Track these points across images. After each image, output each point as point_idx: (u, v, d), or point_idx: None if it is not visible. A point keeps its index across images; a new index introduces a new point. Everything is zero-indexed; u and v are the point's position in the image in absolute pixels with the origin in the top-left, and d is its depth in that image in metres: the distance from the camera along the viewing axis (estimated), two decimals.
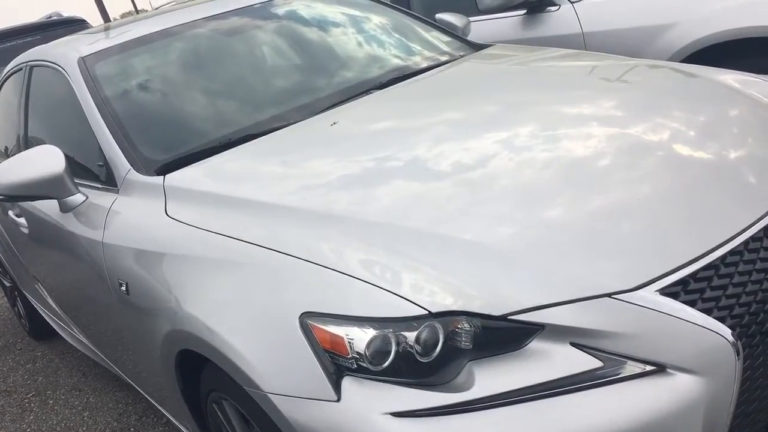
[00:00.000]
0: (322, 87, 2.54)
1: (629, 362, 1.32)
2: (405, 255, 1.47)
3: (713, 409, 1.33)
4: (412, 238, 1.52)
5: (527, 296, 1.36)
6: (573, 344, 1.33)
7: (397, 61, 2.73)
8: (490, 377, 1.32)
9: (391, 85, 2.51)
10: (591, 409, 1.29)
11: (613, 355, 1.33)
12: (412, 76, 2.58)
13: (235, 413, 1.74)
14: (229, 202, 1.84)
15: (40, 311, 3.73)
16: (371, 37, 2.90)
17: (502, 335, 1.35)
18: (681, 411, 1.30)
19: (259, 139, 2.20)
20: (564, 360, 1.33)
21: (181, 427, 2.28)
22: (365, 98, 2.41)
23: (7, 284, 4.25)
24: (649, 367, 1.32)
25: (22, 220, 2.89)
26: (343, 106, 2.36)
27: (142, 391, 2.59)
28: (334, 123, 2.17)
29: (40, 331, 4.04)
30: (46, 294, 3.26)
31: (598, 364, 1.32)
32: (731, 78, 2.23)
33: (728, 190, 1.60)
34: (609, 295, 1.35)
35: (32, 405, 3.39)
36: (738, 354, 1.35)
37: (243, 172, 2.02)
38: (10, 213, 3.04)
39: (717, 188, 1.60)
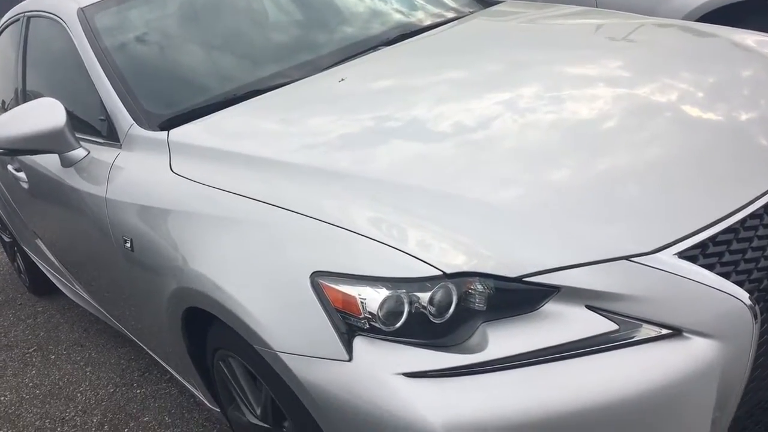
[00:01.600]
0: (329, 43, 2.48)
1: (645, 325, 1.31)
2: (416, 214, 1.45)
3: (728, 373, 1.31)
4: (422, 197, 1.49)
5: (543, 258, 1.34)
6: (588, 307, 1.32)
7: (404, 18, 2.66)
8: (503, 339, 1.31)
9: (399, 41, 2.45)
10: (606, 372, 1.28)
11: (629, 318, 1.31)
12: (420, 33, 2.51)
13: (243, 370, 1.73)
14: (235, 158, 1.80)
15: (40, 267, 3.71)
16: None
17: (517, 297, 1.33)
18: (696, 375, 1.29)
19: (264, 95, 2.15)
20: (579, 322, 1.31)
21: (185, 383, 2.28)
22: (373, 54, 2.35)
23: (7, 239, 4.22)
24: (665, 331, 1.31)
25: (21, 175, 2.85)
26: (351, 62, 2.30)
27: (144, 347, 2.58)
28: (342, 79, 2.12)
29: (40, 286, 4.02)
30: (47, 250, 3.24)
31: (613, 326, 1.30)
32: (747, 38, 2.18)
33: (744, 152, 1.57)
34: (627, 257, 1.32)
35: (34, 360, 3.40)
36: (755, 318, 1.33)
37: (248, 128, 1.98)
38: (10, 167, 2.99)
39: (732, 150, 1.57)
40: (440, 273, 1.32)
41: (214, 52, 2.43)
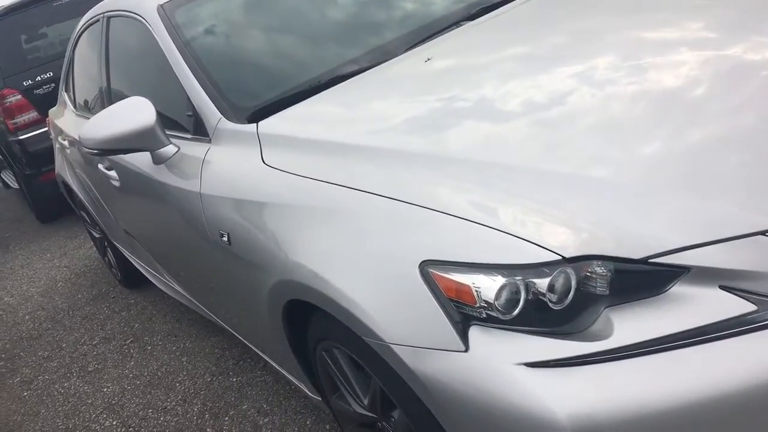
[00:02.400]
0: (408, 24, 2.42)
1: None
2: (522, 195, 1.38)
3: None
4: (524, 175, 1.42)
5: (668, 237, 1.25)
6: (722, 287, 1.23)
7: None
8: (629, 324, 1.24)
9: (481, 15, 2.36)
10: (744, 356, 1.19)
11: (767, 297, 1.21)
12: (502, 5, 2.42)
13: (348, 361, 1.72)
14: (328, 147, 1.77)
15: (131, 260, 3.82)
16: None
17: (641, 279, 1.25)
18: None
19: (349, 80, 2.11)
20: (713, 304, 1.22)
21: (282, 371, 2.29)
22: (456, 31, 2.28)
23: (97, 235, 4.37)
24: None
25: (112, 173, 2.91)
26: (434, 40, 2.24)
27: (238, 335, 2.61)
28: (428, 59, 2.06)
29: (131, 279, 4.15)
30: (139, 244, 3.32)
31: (751, 307, 1.21)
32: None
33: None
34: (763, 232, 1.22)
35: (132, 351, 3.51)
36: None
37: (337, 116, 1.95)
38: (100, 166, 3.07)
39: None
40: (558, 257, 1.25)
41: (294, 41, 2.41)
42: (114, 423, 2.93)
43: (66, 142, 3.83)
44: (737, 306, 1.21)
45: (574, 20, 2.15)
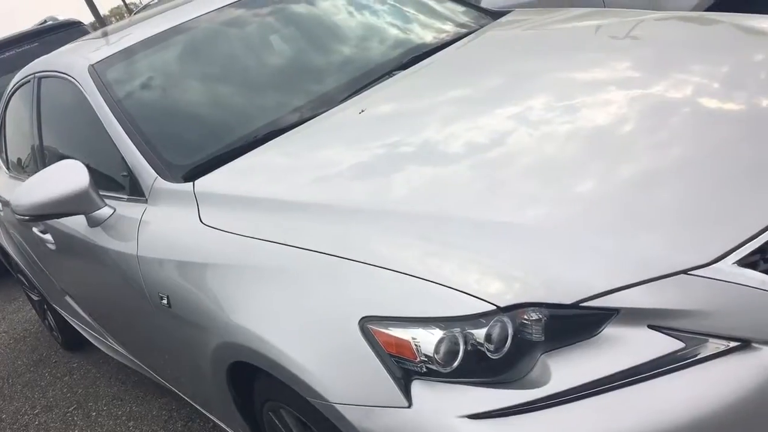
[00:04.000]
0: (342, 75, 2.46)
1: (711, 340, 1.26)
2: (459, 245, 1.41)
3: None
4: (462, 226, 1.45)
5: (596, 280, 1.29)
6: (651, 326, 1.27)
7: (416, 39, 2.64)
8: (566, 369, 1.26)
9: (413, 64, 2.42)
10: (677, 394, 1.23)
11: (694, 333, 1.26)
12: (433, 53, 2.49)
13: (295, 422, 1.70)
14: (266, 204, 1.77)
15: (71, 323, 3.71)
16: (386, 16, 2.80)
17: (574, 323, 1.29)
18: None
19: (286, 134, 2.13)
20: (643, 344, 1.26)
21: (230, 431, 2.24)
22: (387, 81, 2.33)
23: (35, 298, 4.23)
24: (733, 343, 1.25)
25: (47, 237, 2.84)
26: (368, 91, 2.28)
27: (185, 397, 2.55)
28: (362, 111, 2.10)
29: (73, 342, 4.02)
30: (78, 307, 3.23)
31: (679, 345, 1.25)
32: (753, 21, 2.13)
33: None
34: (685, 271, 1.28)
35: (76, 418, 3.38)
36: None
37: (274, 171, 1.96)
38: (34, 229, 2.99)
39: (765, 139, 1.51)
40: (494, 307, 1.27)
41: (229, 96, 2.42)
42: None
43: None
44: (666, 344, 1.26)
45: (506, 63, 2.22)
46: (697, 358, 1.25)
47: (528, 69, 2.11)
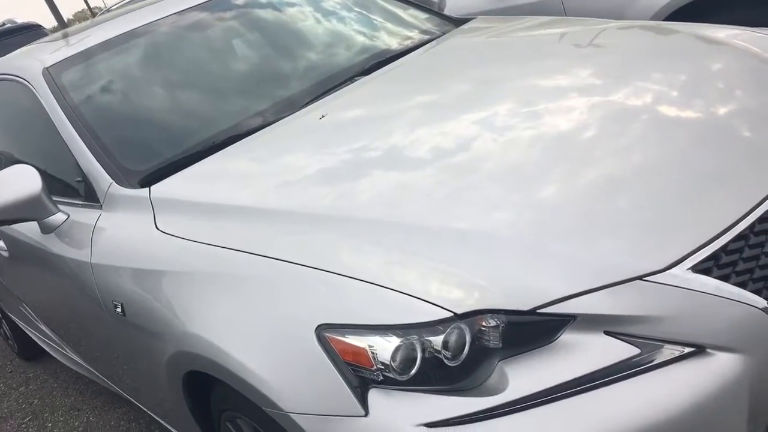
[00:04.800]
0: (305, 79, 2.43)
1: (667, 346, 1.26)
2: (418, 253, 1.40)
3: (757, 384, 1.27)
4: (421, 233, 1.44)
5: (554, 286, 1.29)
6: (607, 332, 1.27)
7: (378, 45, 2.63)
8: (523, 376, 1.26)
9: (375, 70, 2.41)
10: (633, 400, 1.23)
11: (649, 339, 1.26)
12: (395, 59, 2.48)
13: (253, 430, 1.66)
14: (222, 210, 1.74)
15: (27, 332, 3.61)
16: (349, 23, 2.79)
17: (532, 330, 1.28)
18: (725, 391, 1.24)
19: (245, 139, 2.10)
20: (599, 350, 1.26)
21: None
22: (350, 87, 2.31)
23: None
24: (687, 349, 1.26)
25: (0, 243, 2.76)
26: (329, 96, 2.26)
27: (143, 408, 2.49)
28: (323, 116, 2.08)
29: (29, 351, 3.91)
30: (33, 316, 3.14)
31: (635, 351, 1.25)
32: (710, 31, 2.17)
33: (734, 150, 1.54)
34: (640, 277, 1.28)
35: (31, 430, 3.28)
36: None
37: (232, 177, 1.92)
38: None
39: (721, 149, 1.54)
40: (451, 314, 1.26)
41: (188, 100, 2.38)
42: None
43: None
44: (622, 350, 1.26)
45: (471, 69, 2.22)
46: (652, 364, 1.25)
47: (492, 75, 2.11)
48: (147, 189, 1.96)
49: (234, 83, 2.48)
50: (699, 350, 1.26)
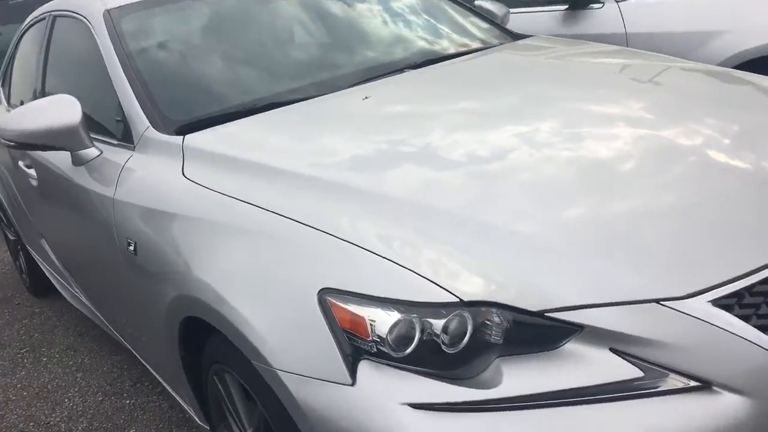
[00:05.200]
0: (354, 62, 2.43)
1: (672, 375, 1.22)
2: (436, 237, 1.37)
3: None
4: (443, 220, 1.42)
5: (568, 294, 1.26)
6: (613, 350, 1.23)
7: (433, 43, 2.61)
8: (519, 376, 1.22)
9: (426, 65, 2.40)
10: (626, 422, 1.19)
11: (656, 365, 1.22)
12: (448, 59, 2.46)
13: (238, 388, 1.65)
14: (249, 167, 1.74)
15: (42, 267, 3.65)
16: (408, 18, 2.78)
17: (536, 333, 1.25)
18: None
19: (285, 107, 2.10)
20: (602, 366, 1.22)
21: (177, 397, 2.19)
22: (399, 76, 2.30)
23: (11, 238, 4.17)
24: (693, 383, 1.22)
25: (32, 172, 2.80)
26: (376, 82, 2.25)
27: (139, 357, 2.50)
28: (366, 98, 2.07)
29: (40, 287, 3.95)
30: (50, 250, 3.18)
31: (638, 373, 1.21)
32: None
33: None
34: (657, 301, 1.24)
35: (25, 361, 3.31)
36: None
37: (265, 139, 1.92)
38: (21, 164, 2.95)
39: (763, 200, 1.48)
40: (457, 300, 1.24)
41: (236, 64, 2.39)
42: None
43: None
44: (625, 370, 1.22)
45: (522, 84, 2.19)
46: (654, 390, 1.21)
47: (542, 93, 2.07)
48: (181, 137, 1.97)
49: (285, 54, 2.49)
50: (705, 386, 1.21)
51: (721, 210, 1.43)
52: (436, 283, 1.26)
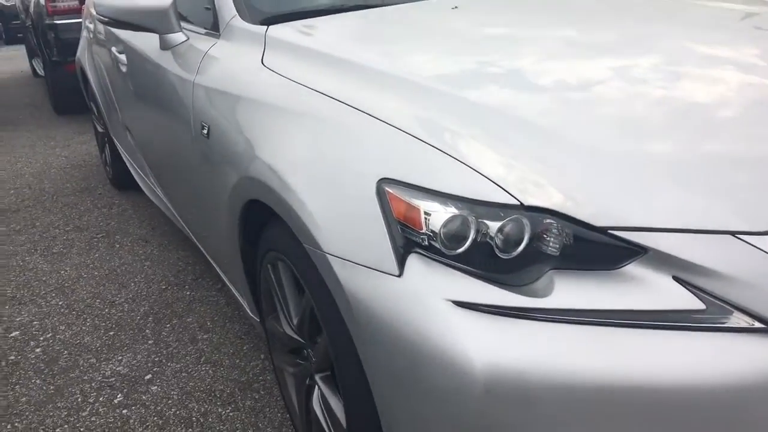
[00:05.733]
0: None
1: (736, 313, 1.14)
2: (508, 141, 1.31)
3: None
4: (519, 127, 1.36)
5: (636, 214, 1.18)
6: (676, 278, 1.16)
7: None
8: (572, 291, 1.17)
9: None
10: (677, 353, 1.12)
11: (720, 300, 1.14)
12: None
13: (290, 276, 1.67)
14: (327, 59, 1.72)
15: (124, 159, 3.79)
16: None
17: (596, 250, 1.19)
18: None
19: (372, 9, 2.05)
20: (662, 293, 1.15)
21: (233, 289, 2.24)
22: None
23: (100, 130, 4.35)
24: (758, 324, 1.13)
25: (122, 57, 2.87)
26: None
27: (204, 251, 2.57)
28: (455, 7, 2.00)
29: (121, 180, 4.12)
30: (133, 141, 3.28)
31: (700, 305, 1.14)
32: None
33: None
34: (733, 233, 1.15)
35: (99, 245, 3.48)
36: None
37: (347, 37, 1.89)
38: (113, 49, 3.03)
39: None
40: (517, 203, 1.19)
41: None
42: (60, 303, 2.90)
43: (91, 26, 3.79)
44: (686, 301, 1.15)
45: (632, 21, 2.05)
46: (714, 325, 1.13)
47: (650, 32, 1.93)
48: (265, 27, 1.96)
49: None
50: None
51: None
52: (498, 185, 1.21)
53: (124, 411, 2.16)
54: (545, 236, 1.20)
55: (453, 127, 1.36)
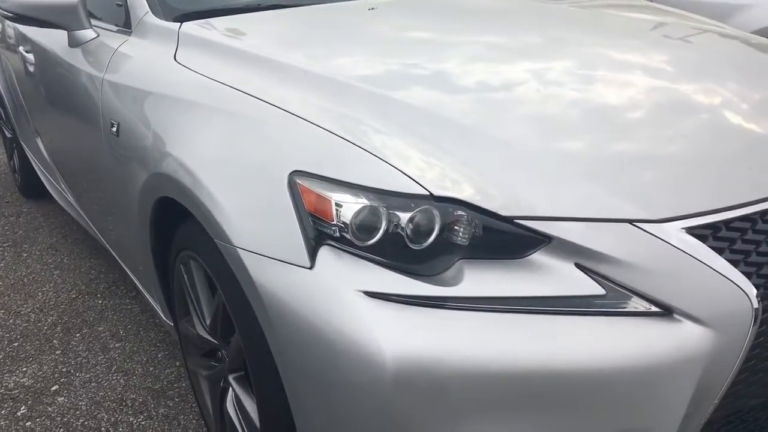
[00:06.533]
0: None
1: (635, 298, 1.19)
2: (418, 134, 1.34)
3: (712, 369, 1.19)
4: (431, 121, 1.38)
5: (541, 203, 1.22)
6: (578, 266, 1.20)
7: None
8: (480, 279, 1.20)
9: None
10: (579, 337, 1.16)
11: (619, 286, 1.19)
12: None
13: (202, 276, 1.63)
14: (238, 55, 1.71)
15: (34, 166, 3.63)
16: None
17: (503, 239, 1.22)
18: (677, 362, 1.17)
19: (289, 9, 2.05)
20: (564, 279, 1.19)
21: (149, 297, 2.17)
22: None
23: (8, 135, 4.15)
24: (654, 308, 1.19)
25: (30, 57, 2.76)
26: None
27: (118, 259, 2.49)
28: (372, 8, 2.02)
29: (30, 188, 3.94)
30: (42, 146, 3.15)
31: (600, 291, 1.18)
32: None
33: None
34: (630, 221, 1.21)
35: (5, 254, 3.31)
36: (755, 320, 1.20)
37: (263, 35, 1.88)
38: (21, 49, 2.91)
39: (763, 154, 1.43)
40: (426, 193, 1.21)
41: None
42: None
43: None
44: (588, 287, 1.19)
45: (548, 28, 2.09)
46: (614, 310, 1.18)
47: (566, 37, 1.98)
48: (178, 24, 1.93)
49: None
50: (666, 313, 1.19)
51: (715, 155, 1.39)
52: (408, 175, 1.23)
53: (28, 423, 2.06)
54: (455, 227, 1.22)
55: (367, 122, 1.37)
